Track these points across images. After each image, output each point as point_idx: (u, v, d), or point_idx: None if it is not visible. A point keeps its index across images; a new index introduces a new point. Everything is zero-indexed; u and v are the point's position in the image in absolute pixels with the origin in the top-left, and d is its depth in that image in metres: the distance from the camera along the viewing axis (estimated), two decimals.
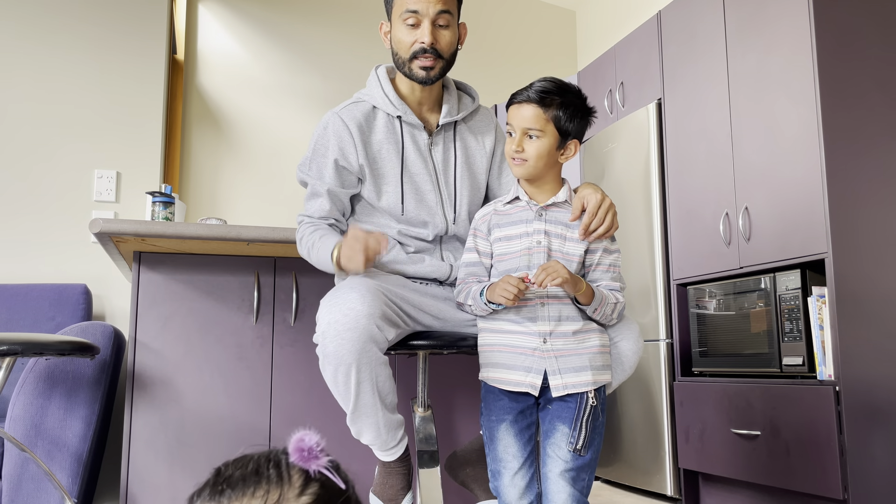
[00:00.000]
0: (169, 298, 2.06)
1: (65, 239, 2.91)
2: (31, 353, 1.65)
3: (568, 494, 1.40)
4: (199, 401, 2.05)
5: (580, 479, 1.42)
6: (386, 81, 1.71)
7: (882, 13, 2.42)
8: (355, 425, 1.54)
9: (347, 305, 1.42)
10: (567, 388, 1.43)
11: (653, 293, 2.96)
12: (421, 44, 1.61)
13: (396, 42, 1.65)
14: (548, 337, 1.45)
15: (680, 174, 2.90)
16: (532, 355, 1.45)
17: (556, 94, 1.47)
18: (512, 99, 1.51)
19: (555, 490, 1.41)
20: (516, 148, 1.48)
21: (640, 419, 2.98)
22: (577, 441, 1.42)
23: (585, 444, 1.42)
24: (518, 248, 1.50)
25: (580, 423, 1.42)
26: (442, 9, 1.61)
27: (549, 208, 1.51)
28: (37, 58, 2.99)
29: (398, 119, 1.70)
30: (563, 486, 1.41)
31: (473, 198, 1.77)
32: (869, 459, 2.14)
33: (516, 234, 1.51)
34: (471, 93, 1.83)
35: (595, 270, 1.52)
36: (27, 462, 1.89)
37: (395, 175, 1.68)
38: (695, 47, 2.86)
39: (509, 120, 1.51)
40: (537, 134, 1.48)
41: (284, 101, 3.75)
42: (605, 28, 4.41)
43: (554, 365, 1.44)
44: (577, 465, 1.42)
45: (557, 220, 1.51)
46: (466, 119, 1.79)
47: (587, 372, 1.44)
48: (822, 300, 2.25)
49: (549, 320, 1.46)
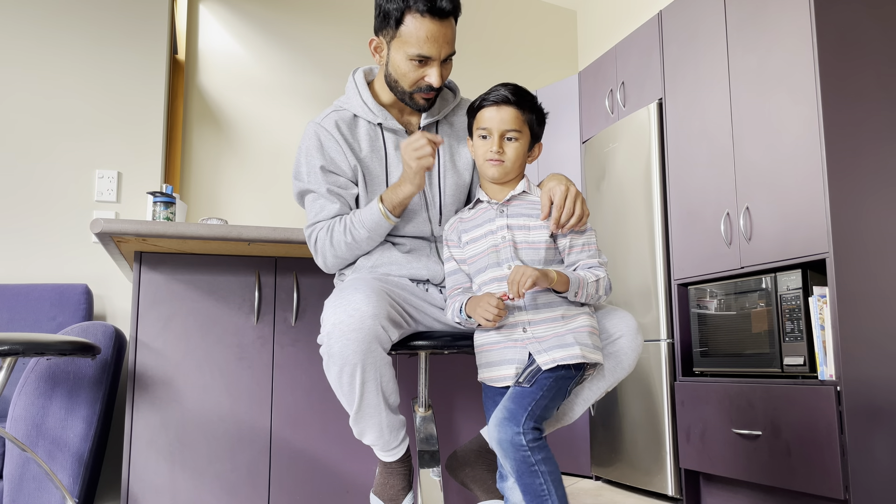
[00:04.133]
0: (170, 298, 2.06)
1: (66, 239, 2.91)
2: (33, 353, 1.65)
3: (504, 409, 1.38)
4: (199, 401, 2.05)
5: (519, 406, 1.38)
6: (364, 88, 1.71)
7: (883, 12, 2.42)
8: (358, 426, 1.54)
9: (353, 306, 1.42)
10: (556, 361, 1.41)
11: (654, 293, 2.96)
12: (428, 83, 1.60)
13: (398, 73, 1.61)
14: (527, 326, 1.45)
15: (681, 174, 2.90)
16: (514, 346, 1.46)
17: (527, 98, 1.51)
18: (483, 102, 1.51)
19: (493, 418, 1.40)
20: (497, 150, 1.48)
21: (641, 419, 2.98)
22: (522, 374, 1.41)
23: (528, 378, 1.40)
24: (484, 246, 1.52)
25: (530, 370, 1.42)
26: (451, 51, 1.60)
27: (509, 203, 1.54)
28: (38, 58, 2.99)
29: (379, 126, 1.70)
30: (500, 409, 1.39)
31: (459, 196, 1.77)
32: (870, 459, 2.14)
33: (481, 235, 1.54)
34: (451, 87, 1.82)
35: (570, 253, 1.52)
36: (28, 462, 1.89)
37: (381, 181, 1.69)
38: (696, 47, 2.86)
39: (484, 123, 1.51)
40: (516, 135, 1.50)
41: (286, 100, 3.75)
42: (605, 28, 4.40)
43: (537, 347, 1.44)
44: (517, 393, 1.40)
45: (518, 212, 1.52)
46: (448, 116, 1.79)
47: (574, 347, 1.42)
48: (824, 300, 2.25)
49: (526, 310, 1.46)
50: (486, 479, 1.71)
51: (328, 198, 1.65)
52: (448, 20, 1.57)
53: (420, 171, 1.54)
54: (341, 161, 1.66)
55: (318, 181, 1.65)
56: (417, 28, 1.54)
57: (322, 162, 1.65)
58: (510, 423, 1.35)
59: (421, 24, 1.54)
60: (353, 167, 1.66)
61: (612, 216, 3.28)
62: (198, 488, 2.01)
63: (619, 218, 3.22)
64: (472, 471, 1.75)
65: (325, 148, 1.66)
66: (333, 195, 1.65)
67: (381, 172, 1.69)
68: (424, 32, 1.54)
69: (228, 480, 2.04)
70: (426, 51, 1.56)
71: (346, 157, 1.66)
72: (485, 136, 1.51)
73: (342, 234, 1.61)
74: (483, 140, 1.51)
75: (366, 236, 1.61)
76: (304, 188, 1.68)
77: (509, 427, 1.35)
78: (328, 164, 1.66)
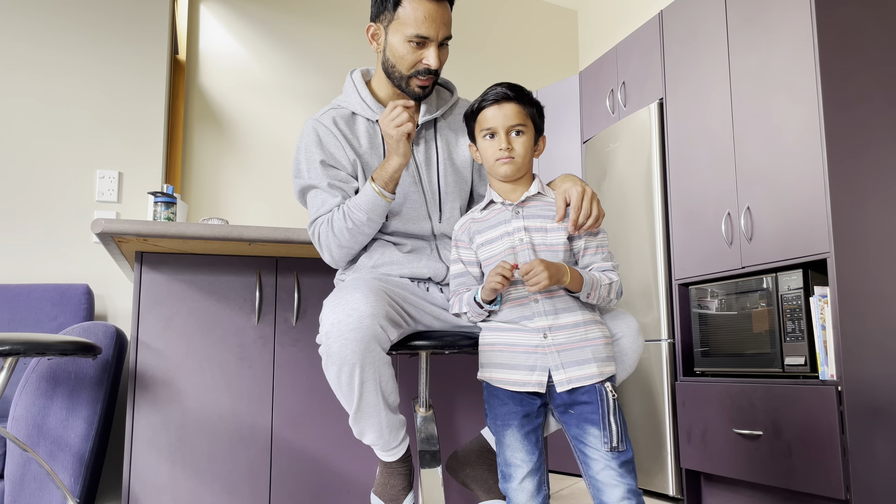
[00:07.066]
0: (171, 298, 2.06)
1: (67, 239, 2.92)
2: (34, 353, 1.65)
3: (624, 489, 1.38)
4: (200, 400, 2.05)
5: (628, 473, 1.40)
6: (362, 86, 1.72)
7: (884, 12, 2.42)
8: (358, 425, 1.54)
9: (351, 306, 1.42)
10: (571, 382, 1.41)
11: (654, 293, 2.96)
12: (426, 65, 1.62)
13: (396, 56, 1.63)
14: (547, 332, 1.44)
15: (682, 174, 2.90)
16: (534, 353, 1.44)
17: (525, 92, 1.52)
18: (482, 103, 1.50)
19: (608, 490, 1.39)
20: (506, 146, 1.48)
21: (642, 419, 2.98)
22: (612, 439, 1.40)
23: (620, 438, 1.40)
24: (501, 248, 1.50)
25: (608, 420, 1.41)
26: (448, 34, 1.63)
27: (524, 204, 1.52)
28: (39, 58, 2.99)
29: (377, 123, 1.70)
30: (614, 482, 1.38)
31: (460, 193, 1.77)
32: (871, 459, 2.13)
33: (497, 236, 1.51)
34: (449, 87, 1.83)
35: (584, 255, 1.52)
36: (29, 462, 1.89)
37: None
38: (697, 47, 2.85)
39: (487, 123, 1.50)
40: (522, 129, 1.49)
41: (286, 100, 3.75)
42: (606, 28, 4.40)
43: (556, 360, 1.43)
44: (621, 460, 1.40)
45: (535, 214, 1.51)
46: (446, 114, 1.79)
47: (591, 364, 1.42)
48: (825, 300, 2.25)
49: (546, 315, 1.45)
50: (487, 479, 1.71)
51: (329, 192, 1.65)
52: (444, 2, 1.61)
53: (401, 137, 1.54)
54: (340, 156, 1.66)
55: (319, 176, 1.66)
56: (415, 9, 1.58)
57: (322, 156, 1.65)
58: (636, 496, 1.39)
59: (419, 4, 1.58)
60: (352, 162, 1.67)
61: (613, 216, 3.27)
62: (198, 488, 2.01)
63: (620, 218, 3.22)
64: (472, 471, 1.75)
65: (323, 143, 1.67)
66: (335, 189, 1.65)
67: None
68: (422, 13, 1.58)
69: (229, 480, 2.04)
70: (424, 31, 1.58)
71: (346, 152, 1.66)
72: (490, 135, 1.50)
73: (342, 221, 1.61)
74: (489, 140, 1.50)
75: (365, 219, 1.60)
76: (305, 184, 1.68)
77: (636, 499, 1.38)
78: (328, 159, 1.66)
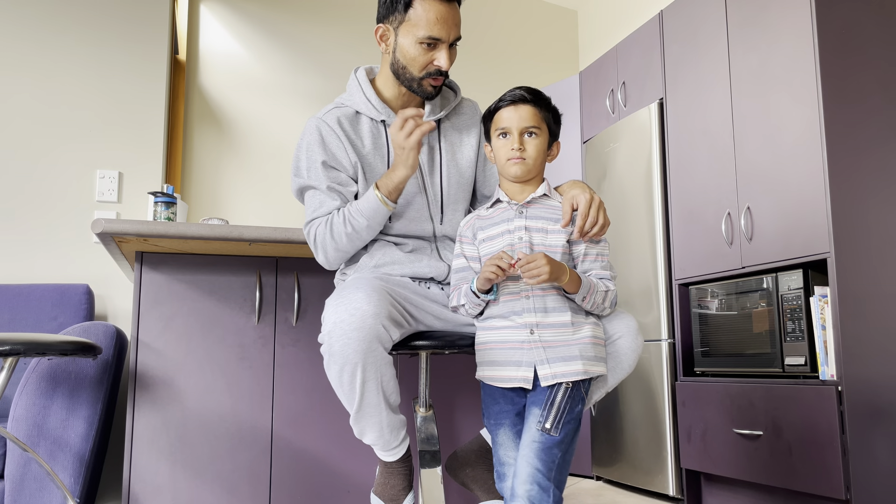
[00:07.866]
0: (171, 298, 2.06)
1: (67, 239, 2.92)
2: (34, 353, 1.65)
3: (532, 468, 1.35)
4: (200, 400, 2.05)
5: (546, 457, 1.36)
6: (367, 85, 1.71)
7: (884, 12, 2.41)
8: (358, 425, 1.54)
9: (354, 305, 1.42)
10: (556, 378, 1.41)
11: (655, 293, 2.96)
12: (437, 67, 1.62)
13: (407, 58, 1.63)
14: (535, 328, 1.44)
15: (682, 174, 2.90)
16: (521, 348, 1.45)
17: (543, 97, 1.54)
18: (499, 104, 1.52)
19: (520, 466, 1.37)
20: (518, 147, 1.49)
21: (642, 419, 2.98)
22: (547, 419, 1.39)
23: (555, 425, 1.38)
24: (500, 245, 1.51)
25: (550, 404, 1.40)
26: (458, 34, 1.63)
27: (529, 205, 1.53)
28: (39, 58, 2.99)
29: (382, 123, 1.70)
30: (526, 462, 1.36)
31: (462, 195, 1.77)
32: (871, 459, 2.13)
33: (498, 234, 1.53)
34: (452, 86, 1.83)
35: (584, 261, 1.52)
36: (29, 462, 1.89)
37: None
38: (697, 47, 2.85)
39: (502, 123, 1.51)
40: (536, 132, 1.51)
41: (286, 100, 3.75)
42: (606, 27, 4.40)
43: (542, 355, 1.43)
44: (546, 444, 1.37)
45: (538, 215, 1.52)
46: (450, 115, 1.79)
47: (577, 361, 1.42)
48: (825, 300, 2.25)
49: (535, 312, 1.45)
50: (487, 479, 1.71)
51: (328, 194, 1.65)
52: (454, 3, 1.61)
53: (413, 148, 1.55)
54: (342, 157, 1.66)
55: (319, 177, 1.66)
56: (427, 10, 1.58)
57: (324, 157, 1.65)
58: (543, 493, 1.32)
59: (430, 6, 1.58)
60: (353, 163, 1.67)
61: (613, 216, 3.27)
62: (199, 488, 2.01)
63: (620, 218, 3.22)
64: (472, 471, 1.75)
65: (326, 143, 1.66)
66: (334, 192, 1.65)
67: (383, 169, 1.69)
68: (434, 14, 1.57)
69: (229, 480, 2.04)
70: (436, 32, 1.58)
71: (348, 153, 1.66)
72: (504, 134, 1.51)
73: (342, 226, 1.61)
74: (503, 140, 1.51)
75: (365, 224, 1.60)
76: (304, 184, 1.68)
77: (543, 496, 1.32)
78: (330, 160, 1.66)
